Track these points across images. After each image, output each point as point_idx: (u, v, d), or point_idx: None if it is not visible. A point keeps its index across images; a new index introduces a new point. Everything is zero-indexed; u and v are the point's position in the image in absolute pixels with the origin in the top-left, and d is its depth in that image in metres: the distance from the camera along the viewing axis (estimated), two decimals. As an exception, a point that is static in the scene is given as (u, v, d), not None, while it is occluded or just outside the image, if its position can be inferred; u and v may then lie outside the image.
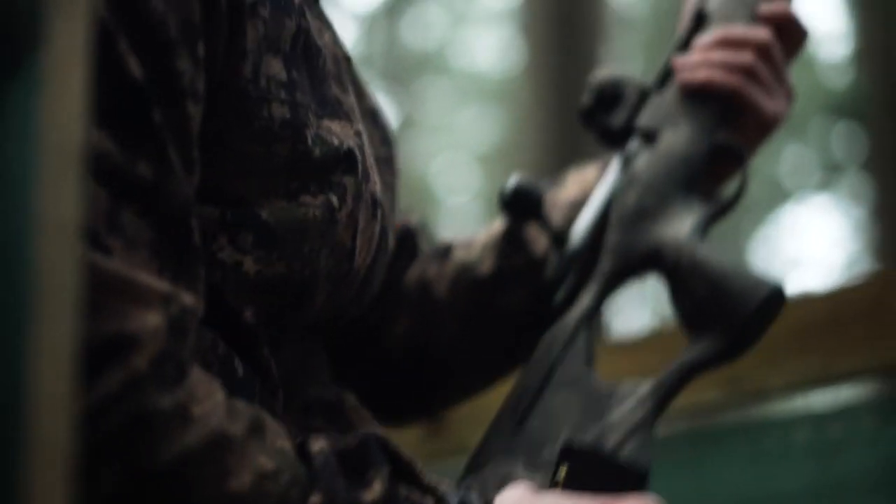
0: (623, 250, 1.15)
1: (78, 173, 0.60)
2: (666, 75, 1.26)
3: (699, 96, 1.22)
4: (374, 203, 1.02)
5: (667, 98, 1.24)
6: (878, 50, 11.41)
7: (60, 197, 0.59)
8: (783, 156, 13.00)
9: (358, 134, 1.01)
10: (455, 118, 13.42)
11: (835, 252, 14.56)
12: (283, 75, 0.94)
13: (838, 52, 13.70)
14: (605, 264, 1.16)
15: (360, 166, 0.99)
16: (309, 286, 0.96)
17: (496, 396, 1.16)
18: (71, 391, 0.58)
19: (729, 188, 1.23)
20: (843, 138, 13.65)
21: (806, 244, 15.51)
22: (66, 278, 0.59)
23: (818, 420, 1.62)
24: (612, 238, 1.16)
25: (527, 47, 6.90)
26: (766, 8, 1.25)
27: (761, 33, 1.22)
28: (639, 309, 11.48)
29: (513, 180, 1.19)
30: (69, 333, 0.59)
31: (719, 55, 1.23)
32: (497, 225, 1.33)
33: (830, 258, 14.50)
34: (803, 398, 1.90)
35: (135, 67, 0.83)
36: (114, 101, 0.82)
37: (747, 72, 1.22)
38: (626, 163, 1.21)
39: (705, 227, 1.15)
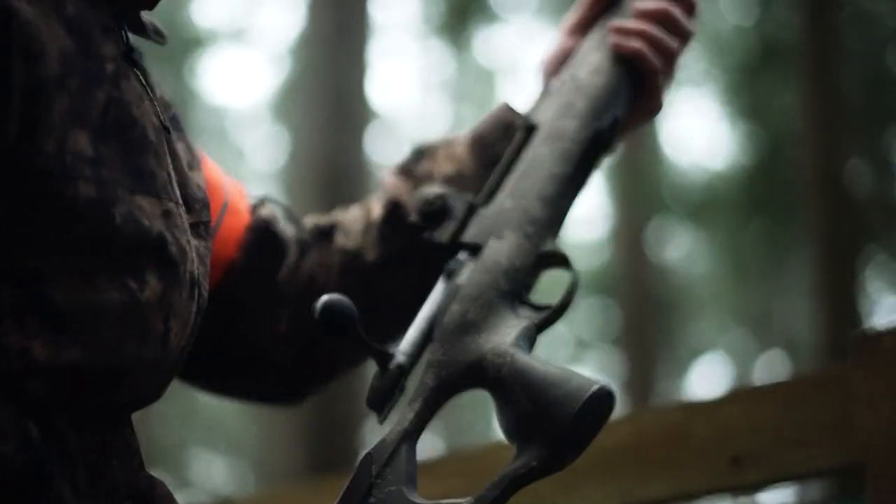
0: (446, 365, 1.12)
1: None
2: (493, 190, 1.26)
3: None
4: (193, 283, 0.98)
5: (493, 211, 1.23)
6: (629, 231, 12.06)
7: None
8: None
9: (167, 214, 0.96)
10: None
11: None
12: (89, 150, 0.91)
13: (593, 233, 14.39)
14: (428, 380, 1.11)
15: (171, 248, 0.95)
16: (115, 373, 0.91)
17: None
18: None
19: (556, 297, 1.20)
20: (595, 314, 14.18)
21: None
22: None
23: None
24: (435, 353, 1.13)
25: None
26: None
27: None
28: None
29: (323, 299, 1.11)
30: None
31: (656, 31, 1.31)
32: (374, 205, 1.35)
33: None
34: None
35: None
36: None
37: (670, 56, 1.32)
38: (451, 276, 1.19)
39: (531, 338, 1.13)
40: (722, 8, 12.28)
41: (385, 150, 13.12)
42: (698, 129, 16.95)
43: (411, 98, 15.47)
